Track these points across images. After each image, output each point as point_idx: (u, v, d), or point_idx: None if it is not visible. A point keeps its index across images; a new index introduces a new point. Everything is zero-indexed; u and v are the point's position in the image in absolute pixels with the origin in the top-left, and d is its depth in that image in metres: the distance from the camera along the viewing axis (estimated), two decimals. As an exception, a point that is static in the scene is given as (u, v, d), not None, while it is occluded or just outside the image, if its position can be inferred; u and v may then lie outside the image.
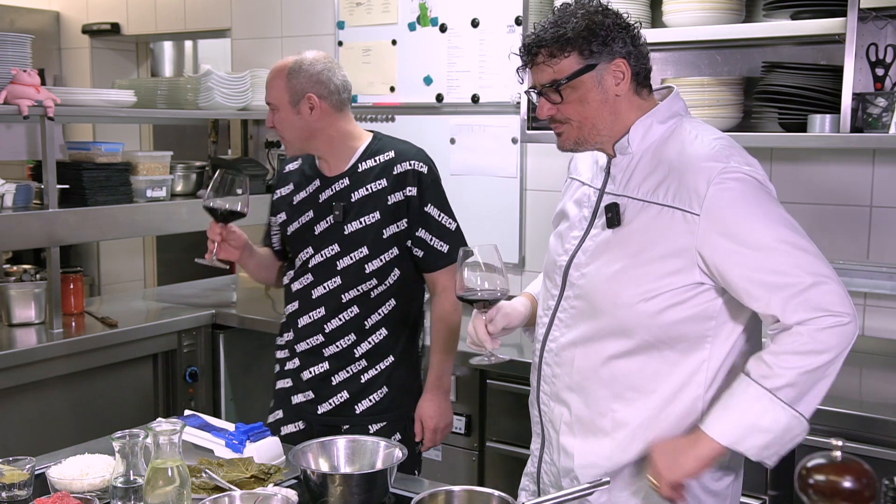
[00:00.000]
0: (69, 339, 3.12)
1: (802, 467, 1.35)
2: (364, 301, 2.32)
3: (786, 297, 1.56)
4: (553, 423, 1.82)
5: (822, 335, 1.56)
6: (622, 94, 1.69)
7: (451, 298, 2.28)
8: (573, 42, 1.64)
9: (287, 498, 1.57)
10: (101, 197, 3.37)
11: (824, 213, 2.90)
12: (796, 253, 1.58)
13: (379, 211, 2.29)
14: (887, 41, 2.65)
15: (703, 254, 1.60)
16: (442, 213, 2.34)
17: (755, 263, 1.57)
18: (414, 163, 2.32)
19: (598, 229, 1.74)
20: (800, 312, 1.56)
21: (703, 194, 1.59)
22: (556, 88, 1.67)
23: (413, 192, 2.30)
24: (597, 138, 1.71)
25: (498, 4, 3.50)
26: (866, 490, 1.31)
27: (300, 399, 2.39)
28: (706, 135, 1.68)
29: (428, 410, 2.35)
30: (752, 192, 1.60)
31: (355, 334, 2.33)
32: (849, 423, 2.26)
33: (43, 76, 4.06)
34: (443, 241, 2.33)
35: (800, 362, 1.56)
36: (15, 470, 1.66)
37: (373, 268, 2.30)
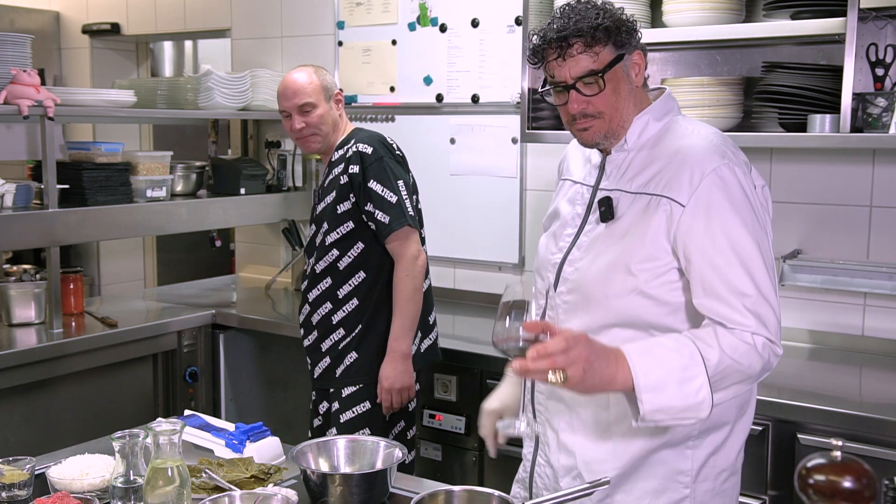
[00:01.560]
0: (69, 339, 3.12)
1: (802, 467, 1.35)
2: (334, 272, 2.65)
3: (743, 303, 1.58)
4: (550, 422, 1.81)
5: (764, 351, 1.60)
6: (638, 88, 1.72)
7: (402, 265, 2.61)
8: (610, 31, 1.64)
9: (287, 498, 1.57)
10: (101, 197, 3.37)
11: (824, 213, 2.90)
12: (761, 270, 1.60)
13: (335, 191, 2.64)
14: (887, 41, 2.65)
15: (678, 237, 1.62)
16: (385, 189, 2.59)
17: (721, 260, 1.59)
18: (359, 145, 2.62)
19: (591, 225, 1.75)
20: (750, 319, 1.58)
21: (695, 185, 1.61)
22: (600, 77, 1.64)
23: (356, 169, 2.60)
24: (622, 131, 1.72)
25: (498, 4, 3.50)
26: (866, 490, 1.31)
27: (310, 367, 2.76)
28: (702, 130, 1.71)
29: (384, 371, 2.61)
30: (740, 196, 1.62)
31: (331, 303, 2.67)
32: (849, 423, 2.26)
33: (43, 76, 4.06)
34: (384, 212, 2.59)
35: (739, 358, 1.57)
36: (15, 470, 1.66)
37: (332, 240, 2.64)
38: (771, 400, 2.35)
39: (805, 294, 2.94)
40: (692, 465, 1.71)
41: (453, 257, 3.69)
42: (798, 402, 2.34)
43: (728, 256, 1.59)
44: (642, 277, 1.65)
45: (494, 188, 3.58)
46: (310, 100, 2.66)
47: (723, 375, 1.56)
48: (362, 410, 2.65)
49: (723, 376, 1.56)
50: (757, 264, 1.60)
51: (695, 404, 1.54)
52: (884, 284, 2.75)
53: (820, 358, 2.84)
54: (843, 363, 2.79)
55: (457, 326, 3.40)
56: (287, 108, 2.69)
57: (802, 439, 2.32)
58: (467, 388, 2.95)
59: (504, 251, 3.59)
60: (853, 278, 2.79)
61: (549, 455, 1.82)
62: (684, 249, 1.62)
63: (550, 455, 1.82)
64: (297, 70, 2.73)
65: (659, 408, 1.53)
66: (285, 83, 2.70)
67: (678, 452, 1.70)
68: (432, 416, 3.01)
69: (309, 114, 2.66)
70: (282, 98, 2.71)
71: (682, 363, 1.55)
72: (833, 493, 1.31)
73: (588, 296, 1.71)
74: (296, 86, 2.67)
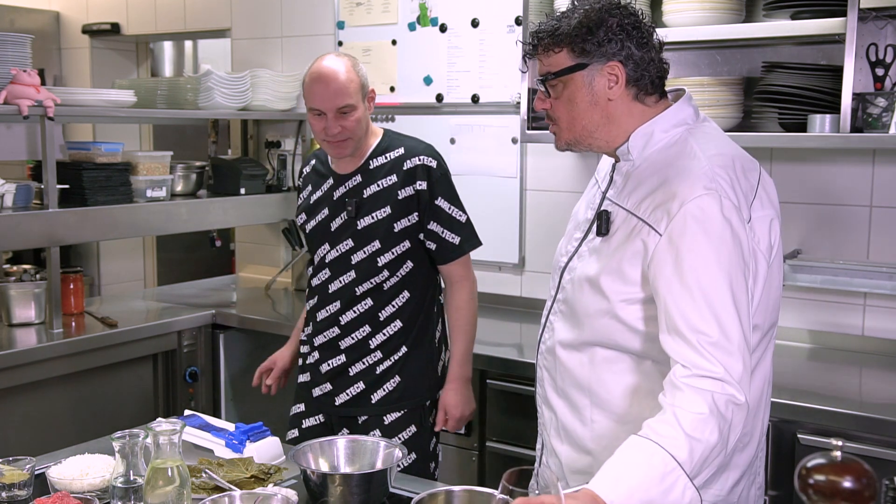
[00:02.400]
0: (69, 339, 3.12)
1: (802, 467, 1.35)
2: (377, 293, 2.38)
3: (704, 343, 1.46)
4: (545, 425, 1.82)
5: (727, 410, 1.44)
6: (616, 99, 1.62)
7: (467, 288, 2.45)
8: (565, 38, 1.60)
9: (287, 498, 1.57)
10: (101, 197, 3.37)
11: (824, 213, 2.90)
12: (728, 311, 1.48)
13: (390, 206, 2.35)
14: (887, 41, 2.65)
15: (651, 267, 1.55)
16: (452, 206, 2.41)
17: (685, 297, 1.49)
18: (423, 158, 2.38)
19: (592, 234, 1.71)
20: (711, 362, 1.46)
21: (672, 215, 1.52)
22: (544, 82, 1.65)
23: (423, 185, 2.36)
24: (589, 140, 1.67)
25: (498, 4, 3.50)
26: (866, 490, 1.31)
27: (319, 392, 2.46)
28: (707, 150, 1.60)
29: (451, 399, 2.42)
30: (719, 229, 1.50)
31: (370, 326, 2.39)
32: (849, 423, 2.26)
33: (43, 76, 4.06)
34: (454, 233, 2.40)
35: (708, 437, 1.43)
36: (15, 470, 1.66)
37: (384, 261, 2.37)
38: (771, 400, 2.34)
39: (805, 294, 2.94)
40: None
41: (453, 257, 3.68)
42: (798, 402, 2.34)
43: (693, 293, 1.48)
44: (614, 300, 1.60)
45: (494, 188, 3.58)
46: (351, 101, 2.30)
47: (699, 462, 1.43)
48: (409, 436, 2.40)
49: (700, 463, 1.43)
50: (724, 304, 1.47)
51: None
52: (884, 284, 2.75)
53: (820, 358, 2.84)
54: (843, 363, 2.79)
55: (457, 326, 3.39)
56: (323, 109, 2.30)
57: (802, 439, 2.32)
58: (467, 388, 2.94)
59: (504, 251, 3.59)
60: (853, 278, 2.79)
61: (547, 456, 1.84)
62: (654, 281, 1.54)
63: (548, 457, 1.83)
64: (332, 59, 2.34)
65: None
66: (324, 78, 2.30)
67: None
68: (432, 416, 3.01)
69: (347, 116, 2.30)
70: (317, 96, 2.30)
71: (657, 475, 1.40)
72: (833, 493, 1.31)
73: (573, 309, 1.70)
74: (338, 83, 2.29)
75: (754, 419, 1.69)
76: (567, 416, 1.74)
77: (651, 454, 1.41)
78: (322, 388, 2.46)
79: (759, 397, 1.69)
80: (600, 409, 1.68)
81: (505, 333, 3.23)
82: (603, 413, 1.68)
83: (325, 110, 2.30)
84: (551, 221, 3.41)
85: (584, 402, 1.70)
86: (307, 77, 2.34)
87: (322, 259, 2.44)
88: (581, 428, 1.71)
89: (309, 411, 2.51)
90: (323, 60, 2.34)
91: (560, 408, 1.75)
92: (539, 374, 1.82)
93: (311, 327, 2.50)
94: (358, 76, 2.34)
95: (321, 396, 2.46)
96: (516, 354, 2.91)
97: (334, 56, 2.37)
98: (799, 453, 2.33)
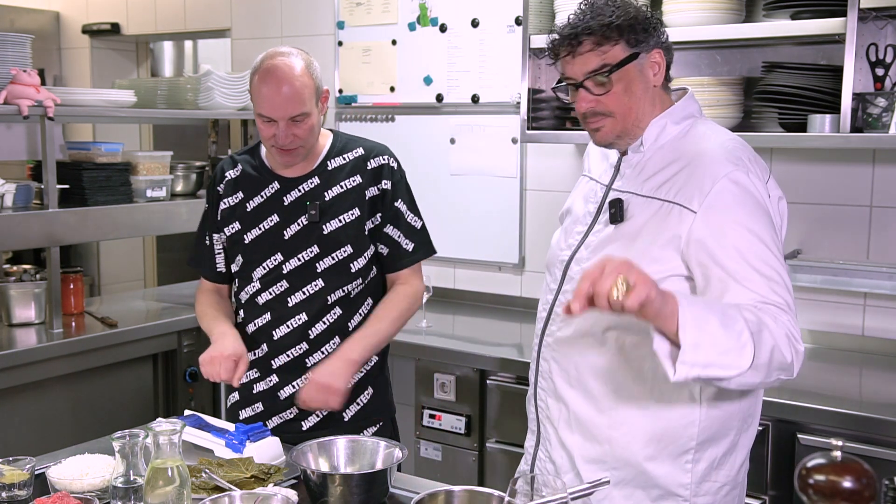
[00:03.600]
0: (69, 339, 3.11)
1: (802, 467, 1.35)
2: (346, 302, 2.20)
3: (772, 286, 1.54)
4: (551, 419, 1.82)
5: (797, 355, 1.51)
6: (658, 87, 1.70)
7: (408, 290, 2.24)
8: (622, 29, 1.62)
9: (287, 498, 1.57)
10: (101, 197, 3.37)
11: (824, 213, 2.90)
12: (779, 265, 1.57)
13: (358, 207, 2.19)
14: (887, 41, 2.65)
15: (690, 243, 1.58)
16: (409, 211, 2.26)
17: (745, 245, 1.55)
18: (386, 157, 2.24)
19: (601, 225, 1.74)
20: (782, 297, 1.54)
21: (706, 192, 1.58)
22: (607, 75, 1.64)
23: (388, 185, 2.22)
24: (637, 130, 1.70)
25: (498, 4, 3.50)
26: (866, 490, 1.31)
27: (277, 421, 2.21)
28: (719, 136, 1.68)
29: (321, 368, 2.11)
30: (753, 200, 1.59)
31: (339, 338, 2.19)
32: (849, 423, 2.26)
33: (43, 76, 4.06)
34: (409, 239, 2.25)
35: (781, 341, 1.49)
36: (15, 470, 1.66)
37: (357, 266, 2.19)
38: (771, 400, 2.35)
39: (805, 294, 2.94)
40: (692, 479, 1.68)
41: (453, 257, 3.69)
42: (798, 402, 2.34)
43: (751, 241, 1.55)
44: None
45: (494, 188, 3.58)
46: (305, 109, 2.08)
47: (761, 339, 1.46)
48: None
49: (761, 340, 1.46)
50: (775, 265, 1.56)
51: (737, 347, 1.43)
52: (884, 284, 2.75)
53: (820, 358, 2.84)
54: (843, 363, 2.79)
55: (457, 326, 3.40)
56: (273, 117, 2.07)
57: (802, 439, 2.32)
58: (467, 388, 2.95)
59: (504, 251, 3.59)
60: (853, 278, 2.79)
61: (551, 451, 1.83)
62: (699, 254, 1.57)
63: (552, 451, 1.82)
64: (283, 60, 2.08)
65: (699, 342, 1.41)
66: (274, 82, 2.06)
67: (678, 466, 1.68)
68: (432, 416, 3.01)
69: (300, 124, 2.10)
70: (266, 102, 2.07)
71: (723, 310, 1.46)
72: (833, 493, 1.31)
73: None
74: (291, 90, 2.06)
75: (757, 399, 1.74)
76: (581, 405, 1.74)
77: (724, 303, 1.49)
78: (282, 416, 2.21)
79: (756, 394, 1.73)
80: (619, 396, 1.69)
81: (505, 333, 3.24)
82: (621, 400, 1.69)
83: (276, 118, 2.07)
84: (551, 221, 3.40)
85: (602, 391, 1.71)
86: (255, 77, 2.10)
87: (274, 270, 2.18)
88: (598, 416, 1.72)
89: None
90: (273, 60, 2.08)
91: (573, 398, 1.75)
92: (544, 367, 1.81)
93: (264, 348, 2.22)
94: (312, 79, 2.10)
95: (282, 425, 2.20)
96: (516, 354, 2.91)
97: (286, 53, 2.10)
98: (799, 453, 2.33)
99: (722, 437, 1.69)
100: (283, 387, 2.21)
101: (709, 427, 1.66)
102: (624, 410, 1.69)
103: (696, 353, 1.42)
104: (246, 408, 2.26)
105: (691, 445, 1.67)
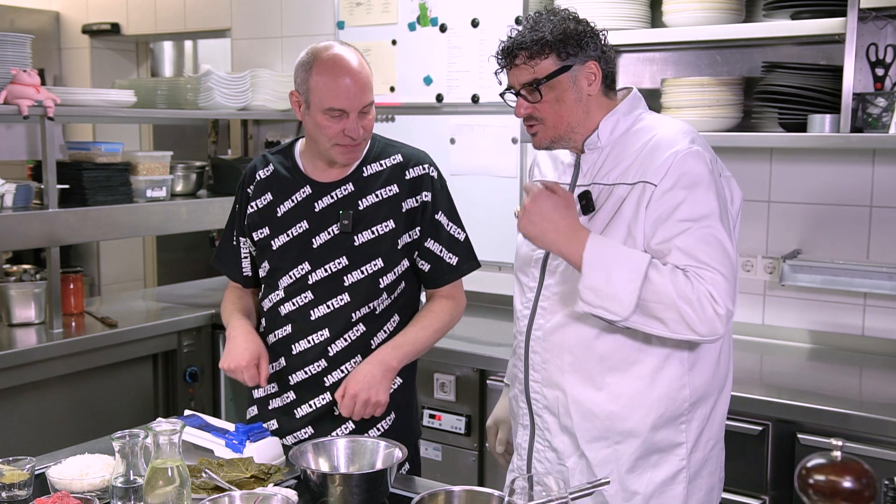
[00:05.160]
0: (69, 339, 3.12)
1: (802, 467, 1.36)
2: (370, 319, 2.08)
3: (705, 248, 1.66)
4: (549, 407, 1.86)
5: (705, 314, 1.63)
6: (594, 95, 1.80)
7: (450, 305, 2.17)
8: (551, 44, 1.75)
9: (287, 498, 1.57)
10: (101, 197, 3.37)
11: (824, 213, 2.90)
12: (724, 237, 1.68)
13: (393, 219, 2.07)
14: (887, 41, 2.65)
15: (649, 212, 1.70)
16: (451, 223, 2.14)
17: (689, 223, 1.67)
18: (427, 167, 2.12)
19: None
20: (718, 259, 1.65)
21: (667, 165, 1.70)
22: (535, 87, 1.77)
23: (428, 197, 2.10)
24: (571, 135, 1.82)
25: (498, 4, 3.50)
26: (866, 490, 1.31)
27: (292, 441, 2.09)
28: (671, 122, 1.81)
29: (356, 375, 2.00)
30: (708, 177, 1.70)
31: (361, 356, 2.07)
32: (849, 423, 2.26)
33: (43, 76, 4.06)
34: (452, 252, 2.13)
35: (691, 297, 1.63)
36: (15, 470, 1.66)
37: (386, 282, 2.08)
38: (771, 400, 2.35)
39: (805, 294, 2.94)
40: (687, 437, 1.79)
41: (453, 257, 3.68)
42: (798, 402, 2.34)
43: (699, 212, 1.67)
44: None
45: (494, 188, 3.58)
46: (372, 98, 2.02)
47: (657, 301, 1.63)
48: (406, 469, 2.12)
49: (657, 302, 1.63)
50: (721, 229, 1.67)
51: (620, 296, 1.64)
52: (884, 284, 2.75)
53: (820, 358, 2.84)
54: (843, 363, 2.79)
55: (457, 326, 3.38)
56: (349, 108, 1.98)
57: (802, 439, 2.32)
58: (467, 388, 2.95)
59: (504, 251, 3.58)
60: (853, 278, 2.79)
61: (552, 439, 1.87)
62: (653, 221, 1.69)
63: (553, 439, 1.87)
64: (345, 50, 2.02)
65: (594, 286, 1.66)
66: (349, 72, 1.98)
67: (675, 428, 1.78)
68: (432, 416, 3.01)
69: (368, 115, 2.02)
70: (343, 93, 1.97)
71: (628, 263, 1.65)
72: (833, 493, 1.31)
73: (574, 287, 1.75)
74: (363, 77, 1.99)
75: (728, 353, 1.87)
76: (578, 388, 1.81)
77: (641, 256, 1.67)
78: (296, 435, 2.11)
79: (728, 354, 1.86)
80: (615, 371, 1.78)
81: (505, 333, 3.22)
82: (617, 374, 1.78)
83: (350, 109, 1.98)
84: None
85: (598, 369, 1.79)
86: (314, 71, 2.00)
87: (299, 281, 2.09)
88: (596, 394, 1.80)
89: None
90: (332, 51, 2.01)
91: (569, 382, 1.82)
92: (535, 359, 1.88)
93: (282, 362, 2.13)
94: (370, 68, 2.05)
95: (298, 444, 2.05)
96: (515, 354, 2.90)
97: (336, 45, 2.04)
98: (799, 453, 2.33)
99: (708, 394, 1.81)
100: (299, 405, 2.12)
101: (699, 387, 1.78)
102: (621, 383, 1.78)
103: (588, 295, 1.67)
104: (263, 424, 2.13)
105: (685, 407, 1.78)
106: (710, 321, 1.62)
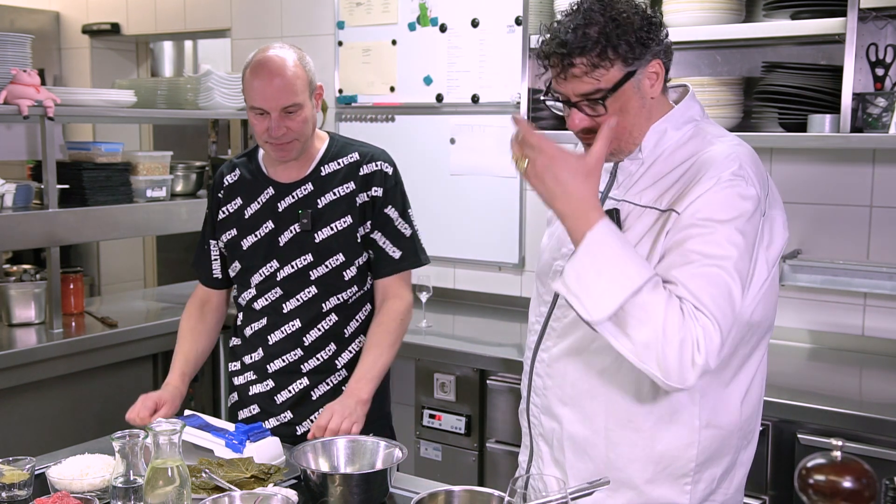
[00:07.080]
0: (69, 339, 3.12)
1: (802, 467, 1.35)
2: (342, 309, 2.19)
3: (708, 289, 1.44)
4: (544, 436, 1.77)
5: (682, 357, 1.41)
6: (655, 97, 1.59)
7: (398, 306, 2.19)
8: (617, 49, 1.50)
9: (287, 498, 1.57)
10: (101, 197, 3.37)
11: (824, 213, 2.90)
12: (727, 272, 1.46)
13: (350, 214, 2.16)
14: (887, 41, 2.65)
15: (667, 238, 1.52)
16: (401, 219, 2.21)
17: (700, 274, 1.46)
18: (381, 163, 2.20)
19: None
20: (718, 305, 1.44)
21: (697, 195, 1.50)
22: (600, 101, 1.53)
23: (378, 192, 2.18)
24: (632, 146, 1.61)
25: (498, 4, 3.50)
26: (866, 490, 1.31)
27: (274, 423, 2.21)
28: (722, 143, 1.58)
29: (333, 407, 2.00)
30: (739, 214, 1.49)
31: (335, 344, 2.19)
32: (849, 423, 2.26)
33: (43, 76, 4.06)
34: (396, 246, 2.20)
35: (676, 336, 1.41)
36: (15, 470, 1.66)
37: (351, 274, 2.17)
38: (771, 400, 2.35)
39: (805, 294, 2.94)
40: (690, 499, 1.62)
41: (453, 257, 3.69)
42: (798, 402, 2.34)
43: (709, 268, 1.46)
44: None
45: (494, 188, 3.58)
46: (297, 100, 2.07)
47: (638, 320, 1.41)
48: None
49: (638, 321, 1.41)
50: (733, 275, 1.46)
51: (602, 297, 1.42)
52: (884, 284, 2.75)
53: (820, 358, 2.84)
54: (843, 363, 2.79)
55: (456, 326, 3.40)
56: (266, 108, 2.07)
57: (802, 439, 2.32)
58: (467, 389, 2.95)
59: (504, 251, 3.59)
60: (853, 278, 2.79)
61: (543, 468, 1.77)
62: (671, 245, 1.50)
63: (544, 468, 1.77)
64: (275, 52, 2.09)
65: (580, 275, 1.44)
66: (267, 73, 2.06)
67: (677, 488, 1.62)
68: (432, 416, 3.01)
69: (293, 116, 2.08)
70: (258, 93, 2.06)
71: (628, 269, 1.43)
72: (833, 493, 1.31)
73: None
74: (283, 79, 2.05)
75: (756, 416, 1.69)
76: (575, 425, 1.68)
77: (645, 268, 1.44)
78: (279, 418, 2.22)
79: (759, 395, 1.69)
80: (617, 417, 1.63)
81: (505, 333, 3.24)
82: (619, 420, 1.63)
83: (270, 109, 2.06)
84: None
85: (598, 411, 1.65)
86: (247, 71, 2.10)
87: (269, 278, 2.19)
88: (593, 436, 1.66)
89: None
90: (266, 52, 2.09)
91: (567, 417, 1.69)
92: (538, 383, 1.75)
93: (259, 352, 2.23)
94: (305, 71, 2.10)
95: (278, 427, 2.19)
96: (516, 354, 2.90)
97: (278, 47, 2.11)
98: (799, 453, 2.33)
99: (722, 456, 1.63)
100: (279, 391, 2.22)
101: (709, 447, 1.60)
102: (621, 432, 1.63)
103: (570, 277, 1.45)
104: (243, 409, 2.28)
105: (690, 467, 1.61)
106: (684, 368, 1.40)
